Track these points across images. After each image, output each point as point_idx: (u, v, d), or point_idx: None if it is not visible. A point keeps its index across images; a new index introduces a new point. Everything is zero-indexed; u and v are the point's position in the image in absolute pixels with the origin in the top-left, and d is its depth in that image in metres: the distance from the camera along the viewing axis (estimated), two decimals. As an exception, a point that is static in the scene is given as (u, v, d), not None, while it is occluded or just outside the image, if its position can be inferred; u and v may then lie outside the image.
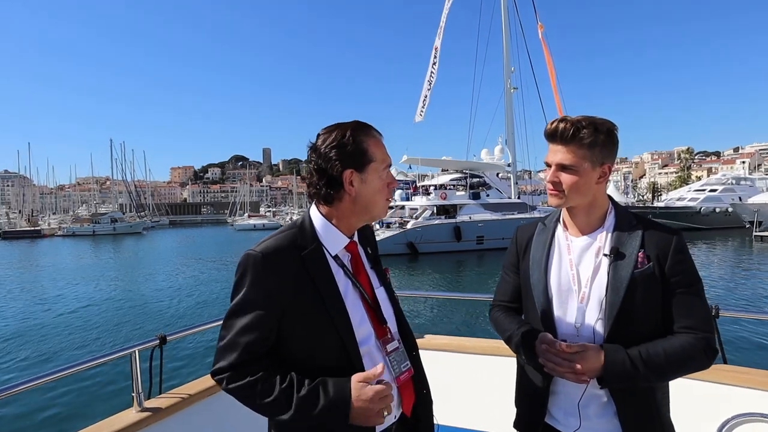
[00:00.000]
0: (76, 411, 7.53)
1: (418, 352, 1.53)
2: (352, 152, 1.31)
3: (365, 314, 1.38)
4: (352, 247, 1.43)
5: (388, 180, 1.39)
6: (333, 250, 1.37)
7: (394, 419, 1.41)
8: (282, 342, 1.32)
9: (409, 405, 1.45)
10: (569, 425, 1.49)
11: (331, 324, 1.29)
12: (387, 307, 1.46)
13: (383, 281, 1.50)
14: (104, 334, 12.83)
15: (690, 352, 1.37)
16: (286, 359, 1.32)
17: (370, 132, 1.37)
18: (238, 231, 69.20)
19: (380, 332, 1.39)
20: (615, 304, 1.40)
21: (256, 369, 1.27)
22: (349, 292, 1.36)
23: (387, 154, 1.39)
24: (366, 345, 1.35)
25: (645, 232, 1.45)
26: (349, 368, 1.31)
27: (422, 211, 32.13)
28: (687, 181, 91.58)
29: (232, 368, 1.26)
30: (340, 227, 1.39)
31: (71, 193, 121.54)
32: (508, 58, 36.48)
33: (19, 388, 1.94)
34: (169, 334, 2.45)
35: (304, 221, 1.40)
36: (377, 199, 1.38)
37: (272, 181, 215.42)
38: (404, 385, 1.42)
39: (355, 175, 1.33)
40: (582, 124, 1.42)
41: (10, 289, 21.25)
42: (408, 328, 1.53)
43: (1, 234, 62.18)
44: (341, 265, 1.37)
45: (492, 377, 2.90)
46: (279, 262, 1.29)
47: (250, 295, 1.28)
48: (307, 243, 1.34)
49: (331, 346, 1.31)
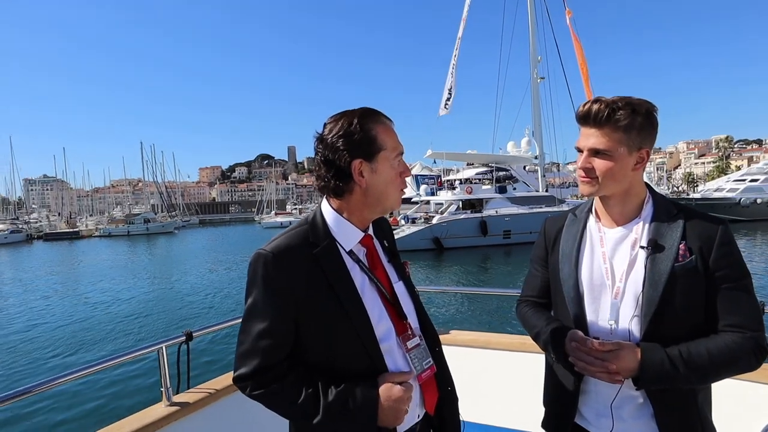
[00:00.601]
0: (107, 405, 7.81)
1: (441, 347, 1.47)
2: (360, 141, 1.24)
3: (384, 310, 1.32)
4: (368, 241, 1.37)
5: (400, 169, 1.32)
6: (347, 245, 1.32)
7: (417, 418, 1.36)
8: (300, 343, 1.27)
9: (432, 403, 1.40)
10: (602, 426, 1.42)
11: (348, 322, 1.24)
12: (407, 302, 1.40)
13: (402, 275, 1.44)
14: (136, 330, 13.32)
15: (737, 352, 1.26)
16: (306, 360, 1.28)
17: (379, 118, 1.29)
18: (265, 228, 70.19)
19: (400, 328, 1.33)
20: (653, 300, 1.31)
21: (279, 374, 1.24)
22: (366, 287, 1.31)
23: (398, 142, 1.32)
24: (386, 342, 1.30)
25: (687, 223, 1.35)
26: (371, 367, 1.27)
27: (447, 206, 31.92)
28: (725, 170, 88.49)
29: (254, 375, 1.24)
30: (353, 221, 1.33)
31: (106, 195, 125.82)
32: (535, 47, 35.78)
33: (55, 382, 2.01)
34: (195, 330, 2.49)
35: (316, 217, 1.34)
36: (389, 189, 1.31)
37: (298, 178, 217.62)
38: (427, 383, 1.37)
39: (364, 165, 1.26)
40: (618, 104, 1.32)
41: (55, 288, 22.20)
42: (430, 324, 1.47)
43: (43, 236, 64.86)
44: (356, 261, 1.32)
45: (520, 374, 2.84)
46: (291, 261, 1.24)
47: (264, 297, 1.24)
48: (319, 239, 1.28)
49: (350, 345, 1.25)
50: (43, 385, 1.97)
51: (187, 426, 2.24)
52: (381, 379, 1.24)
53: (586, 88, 29.79)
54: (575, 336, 1.36)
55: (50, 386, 1.99)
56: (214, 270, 25.72)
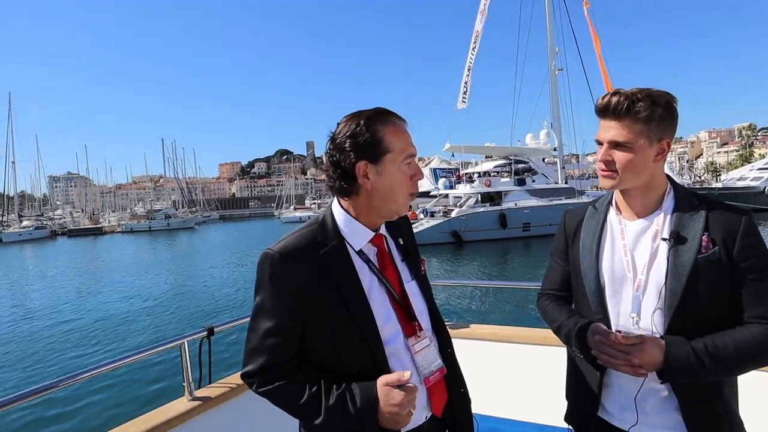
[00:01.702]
0: (131, 399, 7.98)
1: (452, 349, 1.45)
2: (365, 143, 1.22)
3: (392, 311, 1.30)
4: (378, 241, 1.35)
5: (410, 172, 1.28)
6: (357, 245, 1.30)
7: (424, 419, 1.34)
8: (306, 343, 1.28)
9: (440, 405, 1.38)
10: (625, 420, 1.40)
11: (354, 324, 1.23)
12: (419, 301, 1.38)
13: (416, 274, 1.41)
14: (158, 325, 13.60)
15: (764, 344, 1.24)
16: (312, 360, 1.28)
17: (388, 119, 1.26)
18: (284, 223, 70.72)
19: (409, 330, 1.31)
20: (676, 293, 1.29)
21: (286, 372, 1.25)
22: (375, 288, 1.29)
23: (409, 144, 1.28)
24: (392, 345, 1.28)
25: (709, 214, 1.32)
26: (375, 370, 1.25)
27: (466, 199, 31.75)
28: (749, 159, 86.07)
29: (260, 372, 1.25)
30: (363, 221, 1.31)
31: (128, 192, 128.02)
32: (552, 38, 35.19)
33: (80, 377, 2.04)
34: (217, 325, 2.51)
35: (326, 217, 1.33)
36: (396, 193, 1.27)
37: (316, 173, 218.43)
38: (435, 386, 1.34)
39: (369, 167, 1.23)
40: (637, 96, 1.30)
41: (78, 283, 22.77)
42: (442, 324, 1.45)
43: (67, 232, 66.52)
44: (366, 261, 1.30)
45: (541, 368, 2.82)
46: (298, 261, 1.23)
47: (271, 297, 1.24)
48: (328, 239, 1.28)
49: (355, 347, 1.24)
50: (69, 379, 2.00)
51: (209, 420, 2.26)
52: (379, 381, 1.21)
53: (605, 79, 29.24)
54: (598, 329, 1.35)
55: (75, 381, 2.02)
56: (235, 265, 26.04)
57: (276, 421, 2.60)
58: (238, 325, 2.77)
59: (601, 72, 29.56)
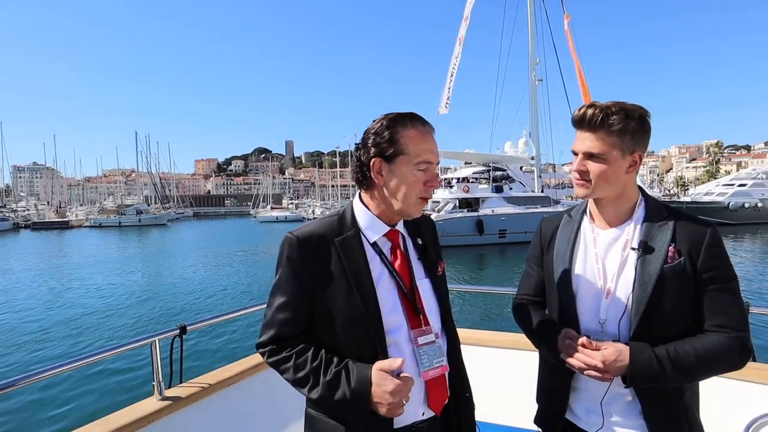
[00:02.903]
0: (97, 399, 7.73)
1: (460, 352, 1.49)
2: (382, 141, 1.31)
3: (399, 303, 1.36)
4: (393, 236, 1.42)
5: (424, 177, 1.33)
6: (371, 237, 1.38)
7: (422, 416, 1.37)
8: (314, 323, 1.36)
9: (440, 404, 1.39)
10: (592, 423, 1.45)
11: (359, 308, 1.30)
12: (430, 299, 1.43)
13: (431, 273, 1.46)
14: (127, 323, 13.16)
15: (723, 352, 1.30)
16: (317, 339, 1.36)
17: (411, 124, 1.32)
18: (261, 223, 69.89)
19: (414, 323, 1.36)
20: (642, 301, 1.34)
21: (294, 344, 1.33)
22: (384, 279, 1.36)
23: (429, 151, 1.33)
24: (394, 335, 1.33)
25: (676, 225, 1.38)
26: (374, 356, 1.30)
27: (444, 204, 31.92)
28: (715, 175, 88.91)
29: (271, 342, 1.35)
30: (380, 216, 1.40)
31: (98, 185, 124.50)
32: (534, 49, 35.80)
33: (41, 375, 1.97)
34: (189, 324, 2.47)
35: (346, 209, 1.43)
36: (404, 194, 1.33)
37: (295, 173, 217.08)
38: (434, 382, 1.37)
39: (383, 165, 1.32)
40: (612, 109, 1.35)
41: (40, 279, 21.93)
42: (452, 326, 1.49)
43: (31, 225, 64.14)
44: (378, 252, 1.37)
45: (513, 371, 2.87)
46: (314, 245, 1.33)
47: (286, 275, 1.34)
48: (344, 229, 1.37)
49: (358, 332, 1.31)
50: (30, 377, 1.92)
51: (179, 420, 2.22)
52: (375, 365, 1.26)
53: (582, 90, 29.84)
54: (568, 334, 1.39)
55: (37, 379, 1.94)
56: (209, 264, 25.61)
57: (248, 421, 2.59)
58: (211, 324, 2.73)
59: (579, 85, 30.14)
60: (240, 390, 2.53)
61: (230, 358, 2.82)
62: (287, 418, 2.68)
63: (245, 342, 10.07)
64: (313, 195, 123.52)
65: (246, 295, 16.66)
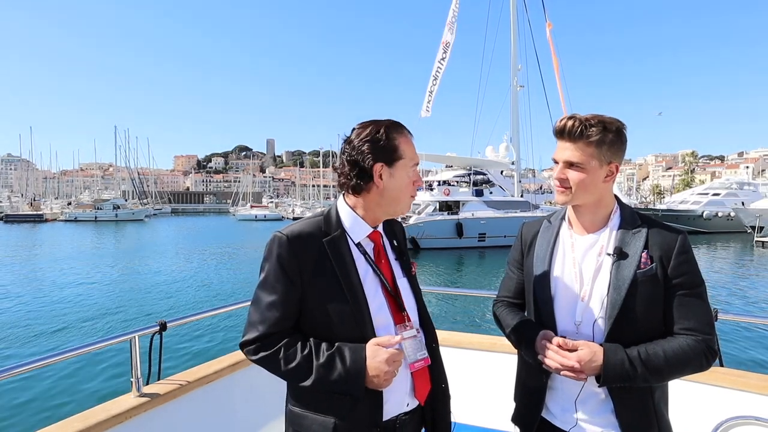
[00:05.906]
0: (75, 395, 7.58)
1: (438, 345, 1.56)
2: (384, 147, 1.39)
3: (384, 301, 1.43)
4: (375, 237, 1.50)
5: (414, 178, 1.46)
6: (356, 237, 1.45)
7: (407, 407, 1.44)
8: (302, 321, 1.40)
9: (423, 394, 1.48)
10: (566, 421, 1.50)
11: (347, 305, 1.36)
12: (409, 297, 1.51)
13: (407, 273, 1.56)
14: (104, 320, 12.89)
15: (690, 354, 1.37)
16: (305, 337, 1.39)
17: (403, 131, 1.45)
18: (239, 221, 69.21)
19: (398, 318, 1.44)
20: (616, 304, 1.40)
21: (280, 340, 1.35)
22: (369, 277, 1.43)
23: (416, 154, 1.47)
24: (382, 331, 1.40)
25: (649, 232, 1.45)
26: None
27: (425, 207, 32.10)
28: (690, 184, 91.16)
29: (257, 341, 1.36)
30: (365, 218, 1.46)
31: (74, 179, 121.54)
32: (516, 55, 36.23)
33: (18, 370, 1.93)
34: (170, 320, 2.46)
35: (331, 210, 1.48)
36: (402, 194, 1.44)
37: (275, 172, 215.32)
38: (419, 374, 1.46)
39: (385, 169, 1.40)
40: (591, 122, 1.42)
41: (12, 272, 21.32)
42: (429, 321, 1.57)
43: (3, 217, 62.41)
44: (363, 252, 1.44)
45: (491, 373, 2.91)
46: (302, 244, 1.38)
47: (274, 273, 1.37)
48: (331, 229, 1.43)
49: (347, 327, 1.36)
50: (5, 372, 1.88)
51: (156, 417, 2.21)
52: (370, 341, 1.34)
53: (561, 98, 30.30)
54: (546, 335, 1.45)
55: (13, 374, 1.91)
56: (188, 260, 25.25)
57: (226, 418, 2.58)
58: (193, 321, 2.72)
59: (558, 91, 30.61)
60: (219, 387, 2.53)
61: (209, 356, 2.82)
62: (267, 416, 2.69)
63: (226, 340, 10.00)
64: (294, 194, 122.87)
65: (225, 293, 16.49)
